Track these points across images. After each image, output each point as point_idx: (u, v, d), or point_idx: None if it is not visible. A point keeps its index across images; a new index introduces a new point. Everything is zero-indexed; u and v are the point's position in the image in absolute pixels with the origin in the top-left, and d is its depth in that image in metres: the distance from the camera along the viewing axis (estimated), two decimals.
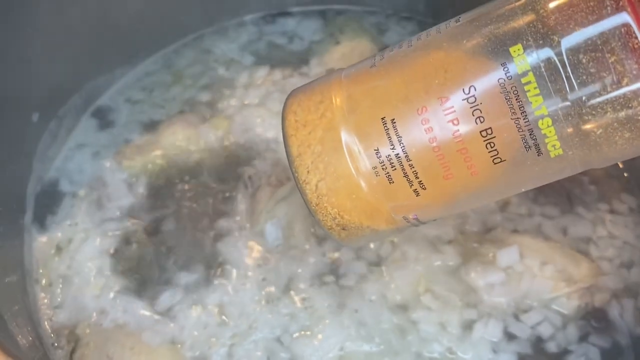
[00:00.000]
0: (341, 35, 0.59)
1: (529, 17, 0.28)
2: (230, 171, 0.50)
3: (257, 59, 0.58)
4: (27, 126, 0.48)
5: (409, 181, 0.31)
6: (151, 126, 0.53)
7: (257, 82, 0.56)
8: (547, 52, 0.27)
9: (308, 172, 0.32)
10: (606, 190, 0.48)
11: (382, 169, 0.31)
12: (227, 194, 0.49)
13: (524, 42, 0.28)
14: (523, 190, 0.33)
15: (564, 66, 0.27)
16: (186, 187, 0.50)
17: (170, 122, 0.53)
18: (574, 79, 0.27)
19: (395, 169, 0.31)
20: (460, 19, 0.32)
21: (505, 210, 0.47)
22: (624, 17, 0.26)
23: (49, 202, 0.49)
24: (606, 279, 0.44)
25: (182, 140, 0.52)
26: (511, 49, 0.28)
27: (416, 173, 0.31)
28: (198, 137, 0.52)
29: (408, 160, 0.30)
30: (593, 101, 0.27)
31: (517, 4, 0.29)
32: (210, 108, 0.54)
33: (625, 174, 0.49)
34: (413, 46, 0.32)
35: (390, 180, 0.31)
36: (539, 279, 0.44)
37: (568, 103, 0.27)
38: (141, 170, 0.51)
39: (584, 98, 0.27)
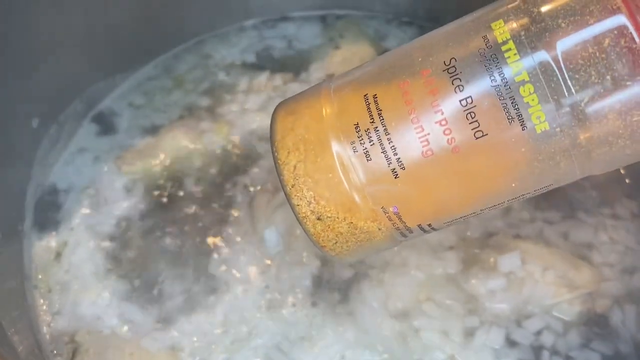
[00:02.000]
0: (341, 40, 0.59)
1: (523, 18, 0.28)
2: (229, 177, 0.50)
3: (258, 64, 0.58)
4: (27, 132, 0.48)
5: (387, 158, 0.30)
6: (151, 131, 0.53)
7: (258, 87, 0.56)
8: (527, 19, 0.28)
9: (288, 153, 0.32)
10: (608, 195, 0.48)
11: (360, 143, 0.30)
12: (227, 201, 0.49)
13: (505, 17, 0.29)
14: (514, 186, 0.31)
15: (544, 29, 0.27)
16: (186, 193, 0.50)
17: (170, 127, 0.53)
18: (554, 41, 0.27)
19: (373, 143, 0.30)
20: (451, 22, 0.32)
21: (507, 215, 0.47)
22: (621, 19, 0.26)
23: (49, 208, 0.49)
24: (608, 285, 0.44)
25: (183, 146, 0.52)
26: (493, 24, 0.29)
27: (394, 148, 0.30)
28: (198, 142, 0.52)
29: (387, 133, 0.30)
30: (573, 61, 0.27)
31: (510, 6, 0.29)
32: (211, 113, 0.54)
33: (627, 180, 0.49)
34: (405, 44, 0.33)
35: (367, 156, 0.30)
36: (541, 284, 0.43)
37: (551, 68, 0.27)
38: (141, 175, 0.51)
39: (565, 62, 0.27)
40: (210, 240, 0.47)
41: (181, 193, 0.50)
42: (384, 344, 0.42)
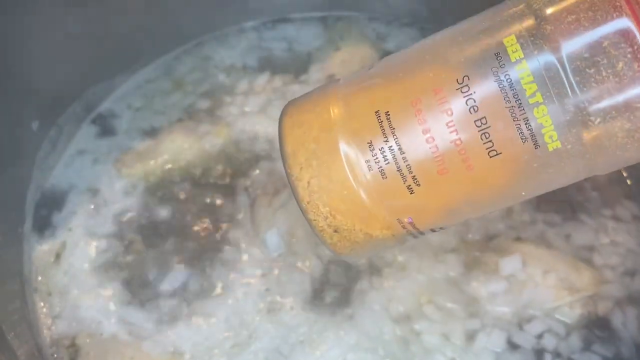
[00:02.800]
0: (341, 42, 0.59)
1: (528, 20, 0.28)
2: (229, 179, 0.50)
3: (258, 65, 0.58)
4: (27, 134, 0.48)
5: (403, 176, 0.30)
6: (151, 133, 0.53)
7: (257, 89, 0.56)
8: (540, 38, 0.28)
9: (301, 169, 0.32)
10: (609, 197, 0.48)
11: (375, 162, 0.31)
12: (227, 203, 0.49)
13: (518, 33, 0.28)
14: (524, 194, 0.32)
15: (561, 61, 0.27)
16: (185, 195, 0.49)
17: (170, 130, 0.53)
18: (568, 64, 0.27)
19: (389, 162, 0.30)
20: (457, 24, 0.32)
21: (508, 217, 0.47)
22: (625, 22, 0.26)
23: (49, 210, 0.49)
24: (609, 287, 0.44)
25: (182, 148, 0.52)
26: (505, 40, 0.28)
27: (410, 167, 0.30)
28: (198, 144, 0.52)
29: (401, 153, 0.30)
30: (587, 83, 0.27)
31: (515, 9, 0.29)
32: (211, 115, 0.54)
33: (628, 181, 0.49)
34: (411, 48, 0.33)
35: (383, 174, 0.31)
36: (542, 287, 0.43)
37: (564, 89, 0.27)
38: (140, 178, 0.50)
39: (578, 82, 0.27)
40: (210, 243, 0.47)
41: (181, 195, 0.49)
42: (385, 348, 0.42)
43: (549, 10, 0.28)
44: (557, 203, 0.48)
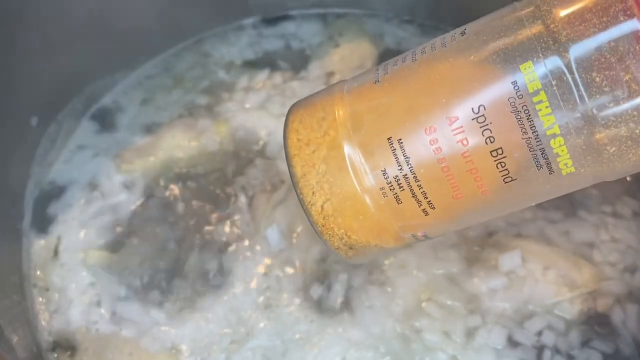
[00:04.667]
0: (341, 38, 0.59)
1: (537, 28, 0.27)
2: (229, 176, 0.50)
3: (257, 62, 0.58)
4: (26, 130, 0.48)
5: (418, 201, 0.30)
6: (151, 130, 0.53)
7: (257, 86, 0.56)
8: (558, 67, 0.27)
9: (313, 193, 0.32)
10: (609, 193, 0.48)
11: (390, 189, 0.30)
12: (226, 199, 0.49)
13: (535, 59, 0.27)
14: (532, 204, 0.33)
15: (575, 83, 0.26)
16: (185, 191, 0.49)
17: (170, 126, 0.53)
18: (586, 95, 0.26)
19: (404, 189, 0.30)
20: (466, 31, 0.30)
21: (508, 214, 0.47)
22: (635, 25, 0.25)
23: (47, 206, 0.49)
24: (609, 284, 0.44)
25: (182, 144, 0.52)
26: (521, 67, 0.27)
27: (425, 194, 0.30)
28: (198, 141, 0.52)
29: (416, 180, 0.30)
30: (606, 114, 0.27)
31: (523, 12, 0.28)
32: (210, 112, 0.54)
33: (628, 178, 0.49)
34: (418, 61, 0.31)
35: (398, 201, 0.31)
36: (542, 283, 0.43)
37: (581, 121, 0.27)
38: (140, 174, 0.50)
39: (596, 113, 0.27)
40: (209, 239, 0.47)
41: (180, 192, 0.49)
42: (386, 345, 0.42)
43: (564, 33, 0.27)
44: (557, 200, 0.47)
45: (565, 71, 0.26)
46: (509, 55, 0.28)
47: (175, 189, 0.50)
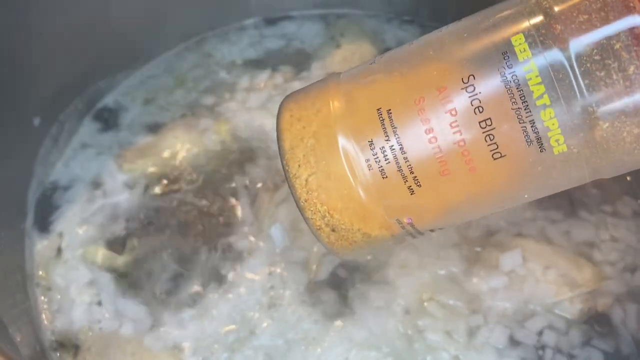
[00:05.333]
0: (342, 39, 0.59)
1: (536, 18, 0.28)
2: (230, 175, 0.50)
3: (259, 62, 0.58)
4: (28, 130, 0.48)
5: (403, 176, 0.30)
6: (153, 129, 0.53)
7: (259, 86, 0.56)
8: (550, 47, 0.27)
9: (299, 165, 0.31)
10: (609, 193, 0.48)
11: (375, 161, 0.30)
12: (229, 199, 0.49)
13: (526, 32, 0.27)
14: (526, 197, 0.31)
15: (570, 63, 0.26)
16: (187, 191, 0.49)
17: (172, 126, 0.53)
18: (577, 65, 0.26)
19: (389, 162, 0.30)
20: (463, 19, 0.31)
21: (509, 214, 0.47)
22: (636, 20, 0.25)
23: (50, 206, 0.49)
24: (609, 283, 0.44)
25: (184, 144, 0.52)
26: (513, 39, 0.27)
27: (411, 167, 0.29)
28: (199, 140, 0.52)
29: (403, 152, 0.29)
30: (597, 85, 0.26)
31: (524, 5, 0.28)
32: (212, 112, 0.54)
33: (628, 178, 0.49)
34: (414, 44, 0.32)
35: (383, 174, 0.30)
36: (542, 283, 0.43)
37: (572, 92, 0.26)
38: (142, 173, 0.50)
39: (587, 83, 0.26)
40: (212, 238, 0.47)
41: (183, 191, 0.49)
42: (389, 345, 0.42)
43: (559, 9, 0.27)
44: (557, 199, 0.48)
45: (560, 52, 0.27)
46: (501, 29, 0.28)
47: (177, 188, 0.50)
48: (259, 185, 0.49)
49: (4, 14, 0.43)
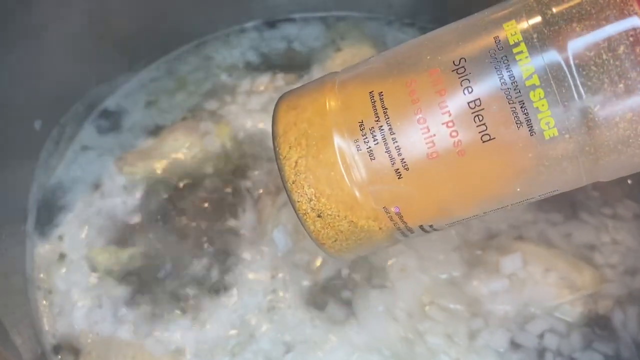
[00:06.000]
0: (342, 42, 0.59)
1: (533, 11, 0.28)
2: (232, 178, 0.50)
3: (259, 65, 0.58)
4: (29, 134, 0.48)
5: (391, 158, 0.30)
6: (154, 132, 0.53)
7: (259, 89, 0.56)
8: (540, 29, 0.27)
9: (290, 147, 0.32)
10: (609, 196, 0.48)
11: (364, 142, 0.30)
12: (230, 202, 0.49)
13: (518, 18, 0.28)
14: (519, 191, 0.30)
15: (556, 34, 0.27)
16: (188, 194, 0.49)
17: (172, 129, 0.53)
18: (568, 45, 0.26)
19: (378, 142, 0.30)
20: (460, 18, 0.32)
21: (509, 216, 0.47)
22: (635, 21, 0.26)
23: (51, 208, 0.49)
24: (610, 286, 0.44)
25: (184, 147, 0.52)
26: (504, 24, 0.28)
27: (399, 149, 0.29)
28: (200, 143, 0.52)
29: (392, 133, 0.29)
30: (587, 65, 0.26)
31: (523, 6, 0.29)
32: (213, 114, 0.54)
33: (629, 181, 0.49)
34: (413, 39, 0.33)
35: (371, 155, 0.30)
36: (543, 286, 0.43)
37: (561, 73, 0.27)
38: (142, 177, 0.51)
39: (577, 63, 0.26)
40: (214, 241, 0.47)
41: (183, 194, 0.50)
42: (390, 348, 0.42)
43: (557, 9, 0.27)
44: (557, 202, 0.48)
45: (549, 22, 0.27)
46: (495, 18, 0.29)
47: (178, 191, 0.50)
48: (261, 188, 0.49)
49: (4, 17, 0.43)
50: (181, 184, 0.50)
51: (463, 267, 0.45)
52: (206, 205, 0.49)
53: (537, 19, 0.28)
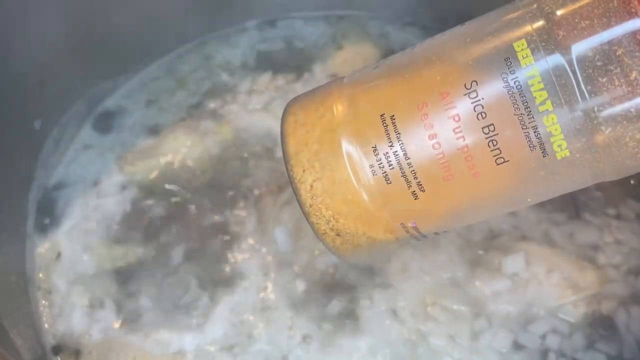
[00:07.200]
0: (344, 41, 0.59)
1: (538, 22, 0.28)
2: (232, 178, 0.50)
3: (260, 64, 0.58)
4: (29, 133, 0.48)
5: (407, 182, 0.30)
6: (154, 132, 0.53)
7: (260, 88, 0.56)
8: (552, 52, 0.27)
9: (304, 170, 0.31)
10: (613, 196, 0.48)
11: (379, 167, 0.30)
12: (231, 201, 0.49)
13: (529, 37, 0.27)
14: (529, 201, 0.32)
15: (572, 68, 0.26)
16: (188, 193, 0.49)
17: (173, 128, 0.53)
18: (579, 71, 0.26)
19: (393, 167, 0.30)
20: (465, 23, 0.31)
21: (512, 216, 0.47)
22: (638, 24, 0.25)
23: (51, 209, 0.49)
24: (613, 286, 0.44)
25: (185, 146, 0.52)
26: (515, 44, 0.28)
27: (414, 173, 0.30)
28: (200, 143, 0.52)
29: (406, 158, 0.29)
30: (601, 104, 0.26)
31: (526, 10, 0.29)
32: (213, 114, 0.54)
33: (632, 181, 0.49)
34: (417, 48, 0.32)
35: (387, 179, 0.30)
36: (545, 286, 0.43)
37: (574, 97, 0.27)
38: (143, 176, 0.50)
39: (589, 89, 0.26)
40: (215, 242, 0.47)
41: (184, 194, 0.49)
42: (392, 350, 0.41)
43: (561, 14, 0.27)
44: (561, 202, 0.48)
45: (561, 57, 0.27)
46: (504, 34, 0.28)
47: (178, 191, 0.50)
48: (262, 187, 0.49)
49: (3, 16, 0.43)
50: (182, 183, 0.50)
51: (465, 267, 0.44)
52: (207, 204, 0.49)
53: (549, 42, 0.27)
